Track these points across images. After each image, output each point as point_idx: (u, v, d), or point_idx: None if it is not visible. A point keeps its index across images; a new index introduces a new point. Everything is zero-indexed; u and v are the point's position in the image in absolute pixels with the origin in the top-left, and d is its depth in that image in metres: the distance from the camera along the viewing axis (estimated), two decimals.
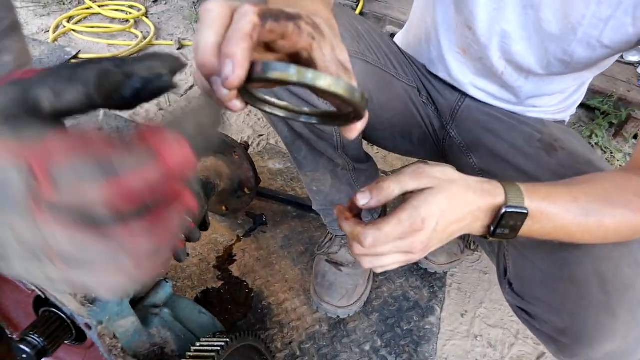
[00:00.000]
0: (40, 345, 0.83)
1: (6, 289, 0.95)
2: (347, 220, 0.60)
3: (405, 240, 0.57)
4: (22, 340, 0.83)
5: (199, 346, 0.78)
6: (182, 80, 2.01)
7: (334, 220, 1.24)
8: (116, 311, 0.77)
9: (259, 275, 1.30)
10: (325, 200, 1.20)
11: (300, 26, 0.44)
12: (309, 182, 1.18)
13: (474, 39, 0.92)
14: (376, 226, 0.56)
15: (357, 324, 1.22)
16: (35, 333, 0.83)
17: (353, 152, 1.12)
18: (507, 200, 0.61)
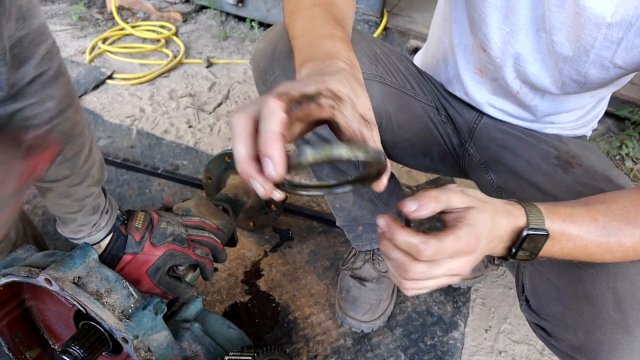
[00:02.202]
0: (81, 357, 0.88)
1: (49, 302, 1.01)
2: (402, 228, 0.57)
3: (459, 260, 0.57)
4: (64, 352, 0.88)
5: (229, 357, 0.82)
6: (210, 98, 2.07)
7: (358, 236, 1.28)
8: (151, 326, 0.81)
9: (285, 290, 1.34)
10: (348, 217, 1.23)
11: (320, 103, 0.49)
12: (332, 200, 1.21)
13: (489, 60, 0.94)
14: (437, 237, 0.55)
15: (381, 338, 1.24)
16: (75, 345, 0.88)
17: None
18: (529, 222, 0.62)
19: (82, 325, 0.94)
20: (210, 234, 1.08)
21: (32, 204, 1.49)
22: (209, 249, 1.07)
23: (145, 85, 2.13)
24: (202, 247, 1.06)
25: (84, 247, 0.86)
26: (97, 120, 1.89)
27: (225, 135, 1.87)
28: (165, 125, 1.89)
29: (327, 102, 0.50)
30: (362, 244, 1.29)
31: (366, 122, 0.52)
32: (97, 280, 0.82)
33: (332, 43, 0.61)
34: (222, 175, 1.39)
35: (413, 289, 0.60)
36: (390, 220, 0.59)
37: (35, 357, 1.04)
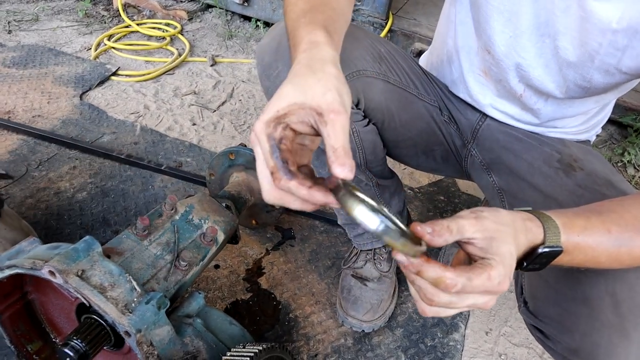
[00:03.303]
0: (82, 350, 0.88)
1: (51, 295, 1.01)
2: (429, 262, 0.55)
3: (487, 296, 0.57)
4: (66, 345, 0.88)
5: (229, 356, 0.82)
6: (215, 97, 2.08)
7: (359, 235, 1.28)
8: (153, 320, 0.82)
9: (286, 288, 1.34)
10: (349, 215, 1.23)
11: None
12: None
13: (494, 62, 0.94)
14: (466, 275, 0.55)
15: (381, 338, 1.24)
16: (78, 338, 0.88)
17: (377, 169, 1.15)
18: (545, 239, 0.62)
19: (84, 319, 0.94)
20: None
21: (35, 198, 1.50)
22: None
23: (149, 82, 2.13)
24: None
25: (88, 241, 0.86)
26: (102, 116, 1.89)
27: (229, 134, 1.87)
28: (169, 123, 1.90)
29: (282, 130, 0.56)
30: (364, 242, 1.29)
31: (320, 116, 0.54)
32: (101, 273, 0.82)
33: (331, 65, 0.61)
34: (226, 172, 1.39)
35: (433, 314, 0.59)
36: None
37: (36, 350, 1.05)
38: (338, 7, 0.76)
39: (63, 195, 1.52)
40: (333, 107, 0.55)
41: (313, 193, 0.55)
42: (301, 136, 0.61)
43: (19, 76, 2.08)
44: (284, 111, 0.56)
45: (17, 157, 1.64)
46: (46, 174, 1.60)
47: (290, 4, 0.75)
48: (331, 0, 0.75)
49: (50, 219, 1.44)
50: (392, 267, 1.31)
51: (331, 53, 0.63)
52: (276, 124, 0.56)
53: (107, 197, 1.53)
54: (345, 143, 0.54)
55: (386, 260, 1.30)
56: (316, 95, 0.56)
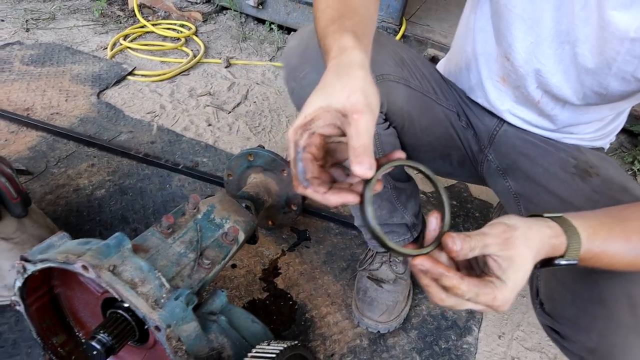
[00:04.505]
0: (109, 344, 0.90)
1: (77, 290, 1.03)
2: (449, 271, 0.60)
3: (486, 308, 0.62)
4: (93, 338, 0.90)
5: (255, 352, 0.84)
6: (229, 98, 2.10)
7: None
8: (182, 316, 0.83)
9: (302, 289, 1.36)
10: None
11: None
12: None
13: (512, 69, 0.96)
14: (475, 290, 0.59)
15: (396, 340, 1.26)
16: (104, 332, 0.91)
17: (394, 172, 1.17)
18: (565, 254, 0.64)
19: (109, 314, 0.96)
20: (7, 183, 1.10)
21: (55, 195, 1.52)
22: None
23: (165, 82, 2.16)
24: None
25: (119, 237, 0.88)
26: (119, 115, 1.91)
27: (244, 135, 1.89)
28: (185, 123, 1.92)
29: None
30: (378, 244, 1.30)
31: (344, 117, 0.58)
32: (132, 269, 0.84)
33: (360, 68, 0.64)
34: (244, 173, 1.41)
35: (446, 307, 0.64)
36: (433, 261, 0.61)
37: (60, 343, 1.07)
38: (366, 12, 0.78)
39: (82, 192, 1.54)
40: (357, 108, 0.58)
41: (327, 198, 0.61)
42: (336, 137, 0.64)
43: (37, 74, 2.10)
44: (310, 117, 0.60)
45: (37, 153, 1.66)
46: (65, 170, 1.62)
47: (319, 11, 0.77)
48: (359, 6, 0.77)
49: (70, 215, 1.46)
50: (407, 269, 1.32)
51: (359, 56, 0.65)
52: (303, 131, 0.60)
53: (126, 195, 1.55)
54: (367, 142, 0.57)
55: (402, 263, 1.32)
56: (341, 98, 0.59)
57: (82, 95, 2.00)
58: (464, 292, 0.60)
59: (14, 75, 2.08)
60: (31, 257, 0.89)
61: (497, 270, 0.61)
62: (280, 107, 2.06)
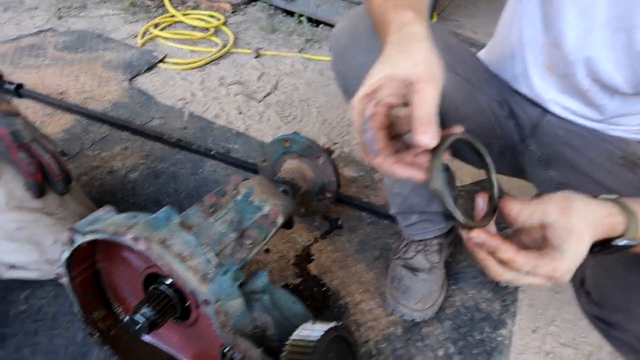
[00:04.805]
0: (152, 318, 0.91)
1: (120, 266, 1.03)
2: (505, 244, 0.60)
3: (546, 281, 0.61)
4: (137, 312, 0.91)
5: (302, 330, 0.84)
6: (259, 87, 2.10)
7: (411, 225, 1.29)
8: (229, 292, 0.83)
9: (335, 276, 1.35)
10: (404, 204, 1.24)
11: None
12: (391, 184, 1.23)
13: (561, 57, 0.95)
14: (534, 262, 0.59)
15: (430, 329, 1.25)
16: (148, 306, 0.91)
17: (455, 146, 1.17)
18: (624, 235, 0.63)
19: (152, 290, 0.96)
20: (51, 160, 1.12)
21: (90, 176, 1.53)
22: (39, 166, 1.11)
23: (195, 70, 2.17)
24: (33, 160, 1.09)
25: (167, 211, 0.88)
26: (150, 101, 1.93)
27: (275, 124, 1.90)
28: (215, 110, 1.93)
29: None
30: (415, 233, 1.30)
31: (409, 86, 0.58)
32: (180, 243, 0.85)
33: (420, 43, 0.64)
34: (279, 159, 1.41)
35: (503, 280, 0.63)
36: (488, 234, 0.61)
37: (100, 318, 1.07)
38: None
39: (116, 175, 1.56)
40: (422, 77, 0.58)
41: (394, 169, 0.60)
42: (396, 108, 0.64)
43: (70, 60, 2.12)
44: (375, 85, 0.60)
45: (71, 135, 1.68)
46: (99, 153, 1.63)
47: None
48: None
49: (104, 196, 1.48)
50: (442, 259, 1.31)
51: (421, 29, 0.65)
52: (368, 100, 0.60)
53: (159, 179, 1.56)
54: (431, 111, 0.57)
55: (437, 252, 1.31)
56: (406, 68, 0.59)
57: (114, 81, 2.02)
58: (521, 264, 0.59)
59: (47, 60, 2.10)
60: (80, 229, 0.89)
61: (556, 240, 0.60)
62: (310, 98, 2.06)
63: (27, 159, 1.09)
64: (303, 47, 2.45)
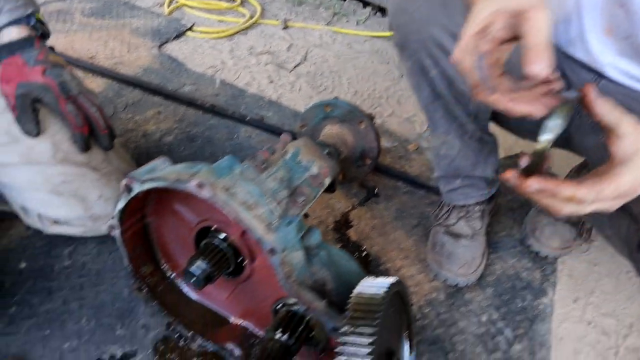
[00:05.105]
0: (208, 271, 0.90)
1: (170, 221, 1.02)
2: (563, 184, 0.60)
3: (614, 201, 0.61)
4: (192, 265, 0.90)
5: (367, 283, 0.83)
6: (289, 58, 2.08)
7: (453, 190, 1.28)
8: (294, 242, 0.82)
9: (375, 242, 1.34)
10: (450, 167, 1.23)
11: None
12: (438, 145, 1.22)
13: (626, 17, 0.92)
14: (596, 189, 0.59)
15: (473, 295, 1.24)
16: (203, 260, 0.90)
17: (482, 122, 1.16)
18: None
19: (205, 244, 0.95)
20: (97, 114, 1.12)
21: (125, 138, 1.52)
22: (86, 120, 1.10)
23: (223, 40, 2.14)
24: (80, 112, 1.09)
25: (230, 159, 0.87)
26: (181, 68, 1.91)
27: (306, 94, 1.88)
28: (246, 79, 1.91)
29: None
30: (457, 198, 1.29)
31: (520, 15, 0.56)
32: (244, 192, 0.83)
33: None
34: (319, 124, 1.40)
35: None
36: (542, 179, 0.61)
37: (148, 273, 1.07)
38: None
39: (151, 138, 1.54)
40: (534, 4, 0.56)
41: (512, 106, 0.58)
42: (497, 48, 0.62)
43: (97, 26, 2.10)
44: (486, 21, 0.58)
45: (104, 99, 1.67)
46: (132, 116, 1.62)
47: None
48: None
49: (140, 158, 1.47)
50: (483, 226, 1.30)
51: None
52: (480, 37, 0.58)
53: (194, 142, 1.55)
54: (544, 39, 0.56)
55: (479, 218, 1.29)
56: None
57: (143, 47, 2.00)
58: (584, 195, 0.59)
59: (75, 26, 2.08)
60: (138, 177, 0.88)
61: (621, 154, 0.60)
62: (340, 70, 2.03)
63: (74, 110, 1.07)
64: (330, 20, 2.42)
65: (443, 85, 1.07)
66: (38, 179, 1.09)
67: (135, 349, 1.05)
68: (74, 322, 1.07)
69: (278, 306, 0.97)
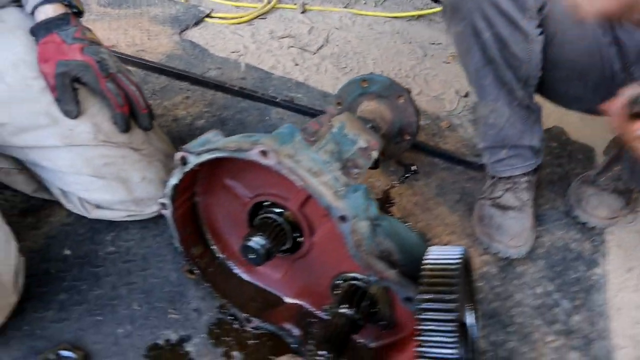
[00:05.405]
0: (267, 246, 0.87)
1: (221, 198, 0.99)
2: None
3: None
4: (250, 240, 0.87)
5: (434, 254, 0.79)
6: (311, 40, 2.04)
7: (499, 161, 1.25)
8: (362, 210, 0.79)
9: (419, 219, 1.31)
10: (497, 137, 1.20)
11: None
12: (486, 114, 1.18)
13: None
14: None
15: (525, 268, 1.21)
16: (261, 234, 0.87)
17: (530, 88, 1.13)
18: None
19: (261, 219, 0.92)
20: (137, 92, 1.08)
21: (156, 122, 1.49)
22: (126, 100, 1.07)
23: (243, 25, 2.11)
24: (120, 91, 1.05)
25: (290, 127, 0.84)
26: (204, 53, 1.88)
27: (333, 75, 1.84)
28: (271, 62, 1.87)
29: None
30: (503, 169, 1.26)
31: None
32: (307, 160, 0.80)
33: None
34: (355, 101, 1.36)
35: None
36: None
37: (199, 255, 1.04)
38: None
39: (181, 122, 1.51)
40: None
41: None
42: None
43: (115, 15, 2.07)
44: None
45: None
46: (161, 102, 1.59)
47: None
48: None
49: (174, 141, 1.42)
50: (531, 197, 1.27)
51: None
52: None
53: (226, 126, 1.52)
54: None
55: (526, 190, 1.26)
56: None
57: (163, 34, 1.96)
58: None
59: (93, 15, 2.05)
60: (192, 149, 0.85)
61: None
62: (364, 51, 2.00)
63: (115, 89, 1.04)
64: (348, 3, 2.37)
65: (495, 49, 1.04)
66: (79, 162, 1.06)
67: (189, 333, 1.02)
68: (125, 307, 1.04)
69: (338, 281, 0.94)
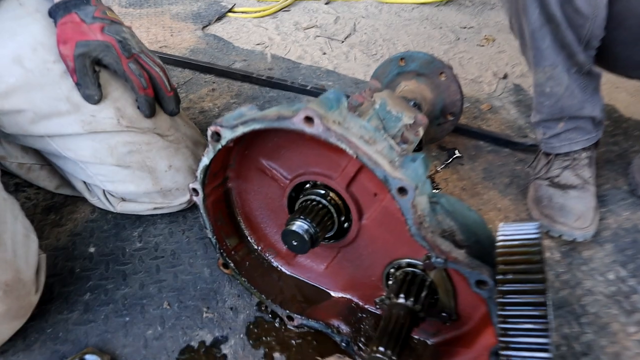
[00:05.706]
0: (313, 231, 0.78)
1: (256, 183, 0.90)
2: None
3: None
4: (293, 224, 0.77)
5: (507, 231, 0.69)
6: (338, 30, 1.96)
7: (555, 136, 1.14)
8: (423, 181, 0.69)
9: (469, 204, 1.20)
10: (554, 107, 1.09)
11: None
12: (543, 82, 1.08)
13: None
14: None
15: (591, 252, 1.09)
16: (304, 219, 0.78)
17: (591, 50, 1.03)
18: None
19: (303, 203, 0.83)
20: (162, 74, 1.01)
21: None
22: (150, 82, 1.00)
23: (267, 18, 2.04)
24: (143, 72, 0.98)
25: (336, 92, 0.74)
26: (228, 46, 1.81)
27: (363, 62, 1.75)
28: (298, 52, 1.79)
29: None
30: (560, 144, 1.14)
31: None
32: (357, 127, 0.70)
33: None
34: (393, 81, 1.26)
35: None
36: None
37: (234, 247, 0.95)
38: None
39: (209, 114, 1.44)
40: None
41: None
42: None
43: (137, 14, 2.02)
44: None
45: None
46: (186, 95, 1.52)
47: None
48: None
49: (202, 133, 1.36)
50: (592, 174, 1.15)
51: None
52: None
53: None
54: None
55: (587, 166, 1.15)
56: None
57: (186, 30, 1.90)
58: None
59: None
60: (227, 123, 0.76)
61: None
62: (394, 37, 1.91)
63: (138, 70, 0.97)
64: None
65: (556, 3, 0.93)
66: (102, 150, 0.99)
67: (225, 333, 0.92)
68: (155, 306, 0.95)
69: (392, 269, 0.84)
